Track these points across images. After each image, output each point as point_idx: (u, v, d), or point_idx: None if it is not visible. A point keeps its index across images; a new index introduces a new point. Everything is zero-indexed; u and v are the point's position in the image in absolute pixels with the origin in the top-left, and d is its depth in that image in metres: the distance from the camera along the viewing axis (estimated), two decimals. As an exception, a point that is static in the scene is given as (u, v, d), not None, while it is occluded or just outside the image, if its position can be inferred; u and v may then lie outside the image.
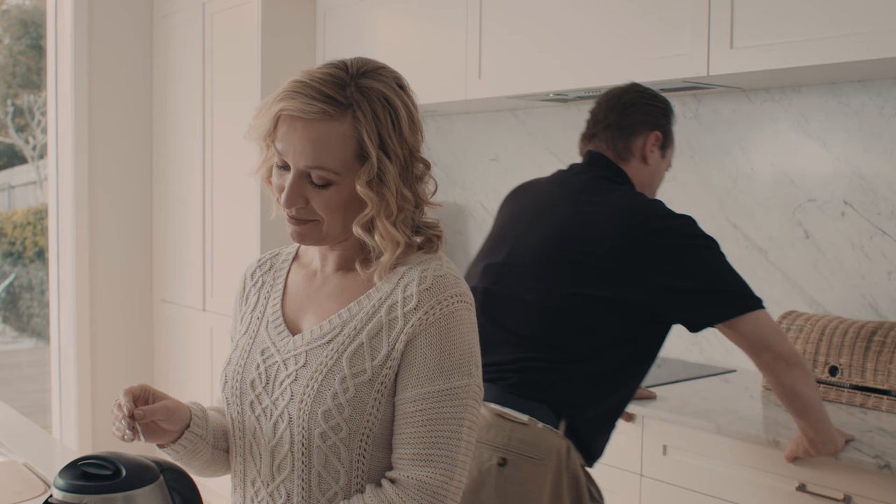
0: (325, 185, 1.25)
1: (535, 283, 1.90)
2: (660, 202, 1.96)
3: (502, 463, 1.78)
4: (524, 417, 1.80)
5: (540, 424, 1.80)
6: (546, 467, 1.78)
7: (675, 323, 1.90)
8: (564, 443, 1.82)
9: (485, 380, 1.82)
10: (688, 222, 1.88)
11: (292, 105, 1.23)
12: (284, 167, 1.28)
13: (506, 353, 1.88)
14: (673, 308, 1.85)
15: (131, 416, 1.24)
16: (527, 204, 2.05)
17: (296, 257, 1.46)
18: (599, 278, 1.84)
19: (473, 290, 1.98)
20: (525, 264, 1.93)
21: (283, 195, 1.27)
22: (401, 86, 1.29)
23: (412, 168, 1.28)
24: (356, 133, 1.23)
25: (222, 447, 1.41)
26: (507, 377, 1.85)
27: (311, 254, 1.42)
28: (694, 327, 1.87)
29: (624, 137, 2.02)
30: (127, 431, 1.25)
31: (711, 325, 1.85)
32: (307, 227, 1.29)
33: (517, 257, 1.96)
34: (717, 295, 1.83)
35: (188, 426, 1.35)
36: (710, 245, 1.87)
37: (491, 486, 1.78)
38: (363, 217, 1.26)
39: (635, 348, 1.90)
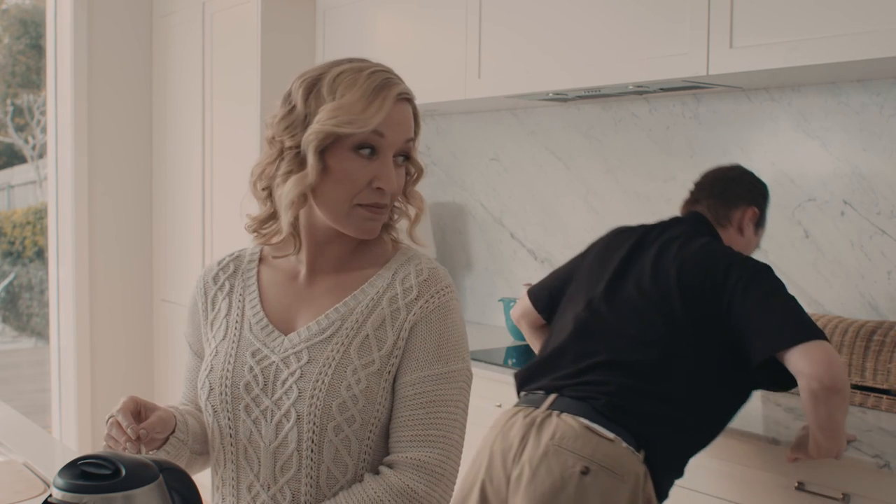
0: (406, 160, 1.34)
1: (635, 319, 2.01)
2: (737, 251, 2.09)
3: (585, 471, 1.85)
4: (611, 435, 1.89)
5: (624, 444, 1.89)
6: (625, 484, 1.86)
7: (744, 353, 1.91)
8: (643, 468, 1.89)
9: (575, 397, 1.96)
10: (765, 267, 1.98)
11: (403, 89, 1.31)
12: (369, 153, 1.29)
13: (600, 375, 1.97)
14: (741, 333, 1.90)
15: (137, 438, 1.25)
16: (627, 246, 2.15)
17: (261, 259, 1.45)
18: (685, 320, 1.95)
19: (577, 319, 2.10)
20: (627, 302, 2.04)
21: (391, 179, 1.30)
22: None
23: None
24: (415, 112, 1.34)
25: (197, 450, 1.42)
26: (598, 398, 1.93)
27: (287, 248, 1.39)
28: (757, 358, 1.89)
29: (725, 206, 2.18)
30: (130, 451, 1.26)
31: (773, 352, 1.87)
32: (382, 214, 1.34)
33: (619, 295, 2.07)
34: (784, 323, 1.88)
35: (173, 432, 1.36)
36: (782, 285, 1.96)
37: (570, 492, 1.85)
38: (414, 184, 1.37)
39: (716, 394, 1.97)
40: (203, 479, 1.43)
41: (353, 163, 1.28)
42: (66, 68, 4.25)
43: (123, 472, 1.15)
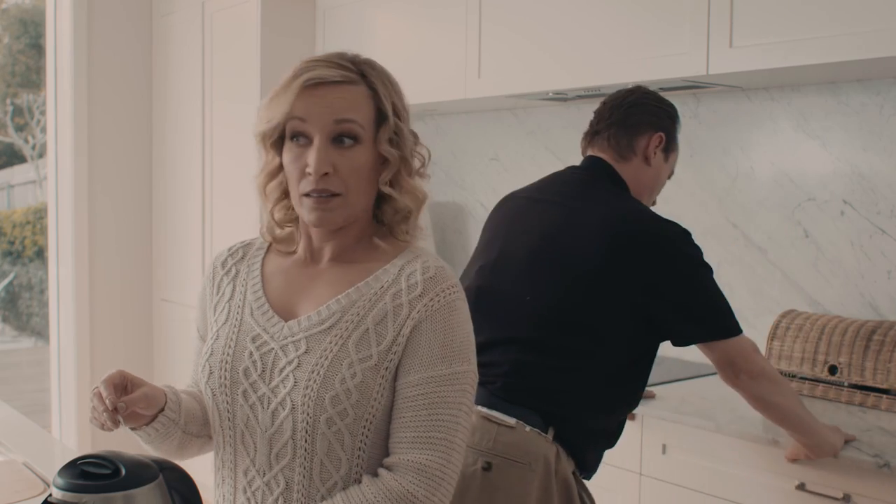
0: (353, 142, 1.29)
1: (528, 286, 1.88)
2: (650, 210, 1.96)
3: (487, 467, 1.75)
4: (511, 420, 1.78)
5: (528, 428, 1.78)
6: (534, 472, 1.75)
7: (663, 334, 1.88)
8: (553, 448, 1.78)
9: None
10: (681, 232, 1.87)
11: (316, 73, 1.29)
12: (304, 142, 1.30)
13: (495, 356, 1.84)
14: (662, 315, 1.83)
15: (114, 409, 1.24)
16: (520, 208, 2.04)
17: (270, 247, 1.46)
18: (592, 282, 1.83)
19: (467, 289, 1.93)
20: (518, 267, 1.92)
21: (313, 161, 1.28)
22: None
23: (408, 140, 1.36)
24: (374, 96, 1.31)
25: (192, 432, 1.41)
26: (495, 381, 1.82)
27: (292, 243, 1.42)
28: (678, 341, 1.88)
29: (627, 136, 2.01)
30: (108, 423, 1.25)
31: (694, 342, 1.87)
32: (333, 203, 1.30)
33: (510, 260, 1.95)
34: (705, 314, 1.84)
35: (162, 410, 1.35)
36: (701, 261, 1.87)
37: (475, 491, 1.75)
38: (388, 174, 1.32)
39: (626, 361, 1.88)
40: (204, 467, 1.43)
41: (290, 153, 1.31)
42: (65, 68, 4.25)
43: (123, 471, 1.15)
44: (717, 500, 2.17)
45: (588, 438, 1.86)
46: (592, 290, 1.83)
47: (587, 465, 1.88)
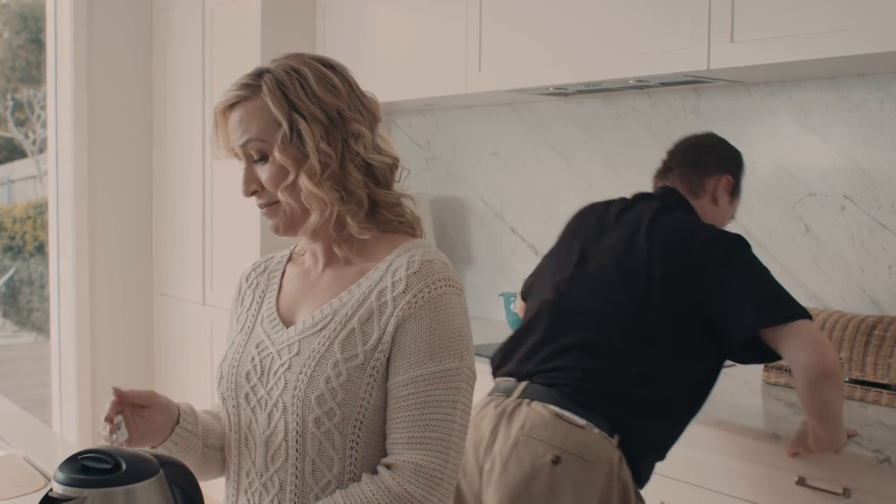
0: (262, 158, 1.33)
1: (603, 299, 1.97)
2: (706, 223, 2.07)
3: (556, 460, 1.82)
4: (581, 421, 1.85)
5: (596, 430, 1.85)
6: (598, 471, 1.82)
7: (724, 330, 1.89)
8: (617, 453, 1.86)
9: (545, 384, 1.92)
10: (740, 240, 1.95)
11: (219, 101, 1.34)
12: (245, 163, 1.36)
13: (568, 360, 1.93)
14: (721, 310, 1.88)
15: (117, 403, 1.33)
16: (594, 223, 2.13)
17: (290, 259, 1.50)
18: (658, 294, 1.91)
19: (544, 301, 2.06)
20: (595, 281, 2.02)
21: (243, 183, 1.35)
22: (325, 63, 1.34)
23: (342, 126, 1.31)
24: (266, 103, 1.30)
25: (213, 445, 1.43)
26: (567, 383, 1.90)
27: (305, 253, 1.46)
28: (739, 335, 1.88)
29: (698, 175, 2.13)
30: (113, 436, 1.29)
31: (757, 329, 1.86)
32: (272, 211, 1.36)
33: (587, 275, 2.04)
34: (766, 300, 1.87)
35: (178, 422, 1.37)
36: (758, 260, 1.94)
37: (542, 482, 1.82)
38: (287, 181, 1.31)
39: (693, 374, 1.95)
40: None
41: None
42: (66, 63, 4.24)
43: (124, 466, 1.15)
44: (718, 494, 2.17)
45: (647, 446, 1.94)
46: (660, 305, 1.91)
47: (641, 475, 1.94)
